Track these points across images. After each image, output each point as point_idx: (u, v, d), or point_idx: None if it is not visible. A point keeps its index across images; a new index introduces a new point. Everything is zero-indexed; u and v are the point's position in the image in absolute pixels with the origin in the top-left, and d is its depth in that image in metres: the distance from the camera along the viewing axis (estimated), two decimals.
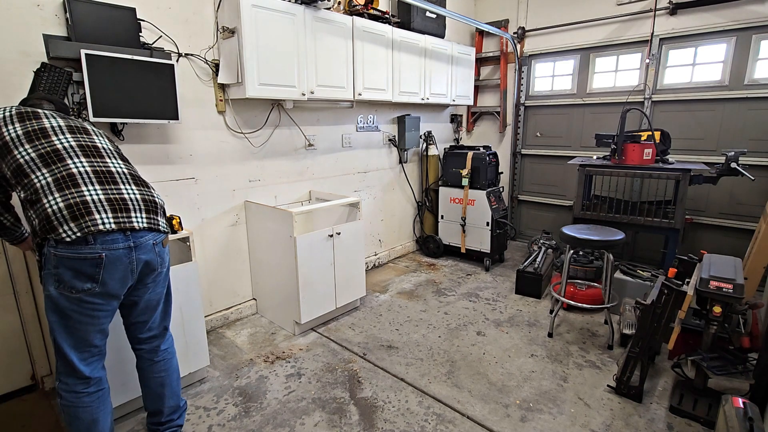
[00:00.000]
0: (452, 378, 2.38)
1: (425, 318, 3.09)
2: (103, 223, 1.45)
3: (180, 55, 2.52)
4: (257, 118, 2.99)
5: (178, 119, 2.36)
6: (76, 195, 1.45)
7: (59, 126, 1.57)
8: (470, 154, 3.98)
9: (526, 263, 3.62)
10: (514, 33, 4.54)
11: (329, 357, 2.59)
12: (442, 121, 4.82)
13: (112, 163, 1.61)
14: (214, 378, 2.39)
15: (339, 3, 3.27)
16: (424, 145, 4.41)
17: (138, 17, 2.26)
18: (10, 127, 1.50)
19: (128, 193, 1.57)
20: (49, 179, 1.45)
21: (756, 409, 1.54)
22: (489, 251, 4.02)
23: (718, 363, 2.04)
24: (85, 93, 2.03)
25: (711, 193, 3.66)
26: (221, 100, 2.75)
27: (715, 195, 3.65)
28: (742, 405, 1.56)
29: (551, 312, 3.05)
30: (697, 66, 3.66)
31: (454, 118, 4.98)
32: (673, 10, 3.60)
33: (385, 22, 3.47)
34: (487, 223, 3.96)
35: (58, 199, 1.43)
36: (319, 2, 2.82)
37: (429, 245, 4.46)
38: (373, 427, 2.01)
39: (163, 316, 1.80)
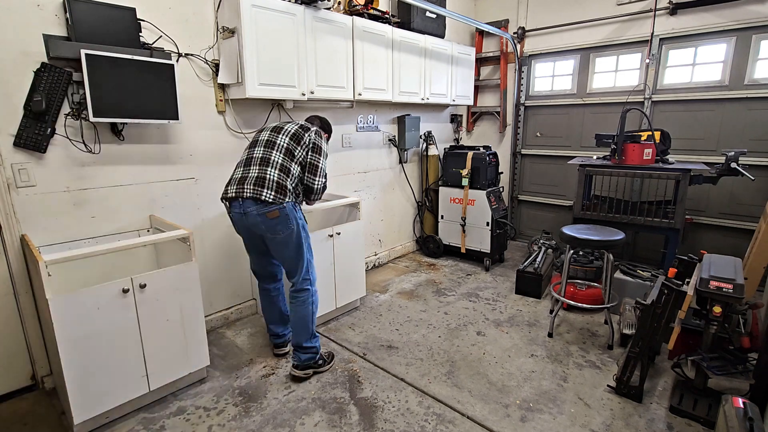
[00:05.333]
0: (452, 378, 2.38)
1: (425, 318, 3.09)
2: (227, 192, 2.22)
3: (180, 55, 2.52)
4: (257, 118, 2.99)
5: (178, 119, 2.36)
6: (233, 173, 2.27)
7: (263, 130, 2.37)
8: (470, 154, 3.98)
9: (526, 263, 3.62)
10: (514, 33, 4.54)
11: None
12: (442, 121, 4.82)
13: (263, 150, 2.23)
14: (214, 378, 2.39)
15: (339, 3, 3.27)
16: (424, 145, 4.41)
17: (138, 17, 2.26)
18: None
19: (252, 172, 2.17)
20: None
21: (756, 409, 1.54)
22: (489, 251, 4.02)
23: (718, 363, 2.04)
24: (85, 93, 2.03)
25: (711, 193, 3.66)
26: (221, 100, 2.75)
27: (715, 195, 3.65)
28: (742, 405, 1.56)
29: (551, 312, 3.05)
30: (697, 66, 3.66)
31: (454, 118, 4.98)
32: (673, 10, 3.60)
33: (385, 22, 3.47)
34: (487, 223, 3.96)
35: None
36: (319, 2, 2.82)
37: (429, 245, 4.46)
38: (373, 427, 2.01)
39: (292, 272, 2.33)
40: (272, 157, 2.20)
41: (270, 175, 2.16)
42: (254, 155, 2.23)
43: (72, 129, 2.18)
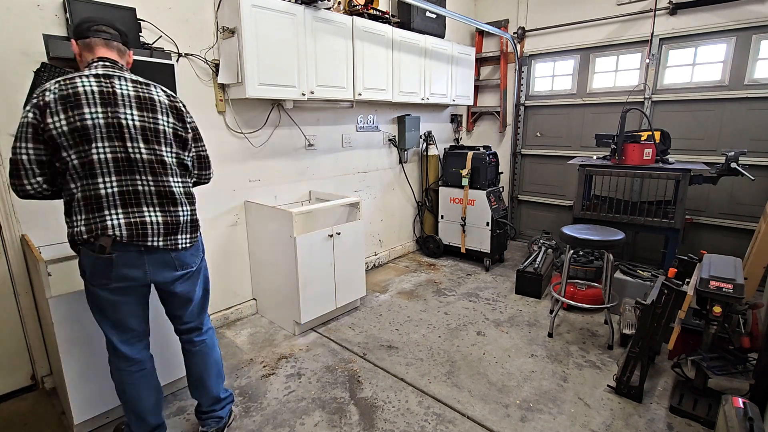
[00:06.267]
0: (452, 378, 2.38)
1: (425, 318, 3.09)
2: (102, 230, 1.46)
3: (180, 55, 2.52)
4: (257, 118, 2.99)
5: None
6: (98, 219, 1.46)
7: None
8: (470, 154, 3.98)
9: (526, 263, 3.62)
10: (514, 33, 4.54)
11: (329, 357, 2.59)
12: (442, 121, 4.82)
13: (141, 180, 1.52)
14: None
15: (339, 3, 3.27)
16: (424, 145, 4.41)
17: (138, 17, 2.27)
18: None
19: (149, 216, 1.53)
20: (79, 195, 1.46)
21: (756, 409, 1.54)
22: (489, 251, 4.02)
23: (718, 363, 2.04)
24: None
25: (711, 193, 3.66)
26: (221, 100, 2.75)
27: (715, 195, 3.65)
28: (742, 405, 1.56)
29: (551, 312, 3.05)
30: (697, 66, 3.66)
31: (454, 118, 4.98)
32: (673, 10, 3.60)
33: (385, 22, 3.47)
34: (487, 223, 3.96)
35: (82, 223, 1.47)
36: (319, 2, 2.82)
37: (429, 245, 4.46)
38: (373, 427, 2.01)
39: (199, 312, 1.83)
40: (165, 157, 1.56)
41: (178, 197, 1.59)
42: (135, 154, 1.49)
43: None
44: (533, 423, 2.03)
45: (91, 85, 1.44)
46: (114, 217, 1.46)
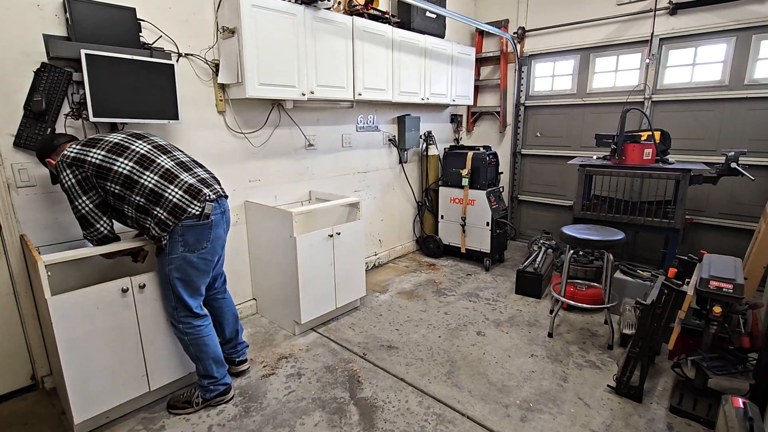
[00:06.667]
0: (452, 378, 2.38)
1: (425, 318, 3.09)
2: (202, 195, 1.91)
3: (180, 55, 2.52)
4: (257, 118, 2.99)
5: (178, 119, 2.36)
6: (178, 180, 1.89)
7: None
8: (470, 154, 3.98)
9: (526, 263, 3.62)
10: (514, 33, 4.54)
11: (329, 357, 2.59)
12: (442, 121, 4.82)
13: (181, 154, 2.05)
14: None
15: (339, 3, 3.27)
16: (424, 145, 4.41)
17: (138, 17, 2.27)
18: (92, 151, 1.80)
19: (201, 173, 2.03)
20: (155, 178, 1.84)
21: (756, 409, 1.54)
22: (489, 251, 4.02)
23: (718, 363, 2.04)
24: (85, 93, 2.03)
25: (711, 193, 3.66)
26: (221, 100, 2.75)
27: (715, 195, 3.65)
28: (742, 405, 1.56)
29: (551, 312, 3.05)
30: (697, 66, 3.66)
31: (454, 118, 4.98)
32: (673, 10, 3.60)
33: (385, 22, 3.47)
34: (487, 223, 3.96)
35: (177, 190, 1.86)
36: (319, 2, 2.82)
37: (429, 245, 4.46)
38: (373, 427, 2.01)
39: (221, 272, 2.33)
40: (193, 158, 2.11)
41: (212, 172, 2.12)
42: (179, 159, 1.99)
43: (72, 129, 2.18)
44: (533, 423, 2.03)
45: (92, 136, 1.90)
46: (187, 177, 1.90)
